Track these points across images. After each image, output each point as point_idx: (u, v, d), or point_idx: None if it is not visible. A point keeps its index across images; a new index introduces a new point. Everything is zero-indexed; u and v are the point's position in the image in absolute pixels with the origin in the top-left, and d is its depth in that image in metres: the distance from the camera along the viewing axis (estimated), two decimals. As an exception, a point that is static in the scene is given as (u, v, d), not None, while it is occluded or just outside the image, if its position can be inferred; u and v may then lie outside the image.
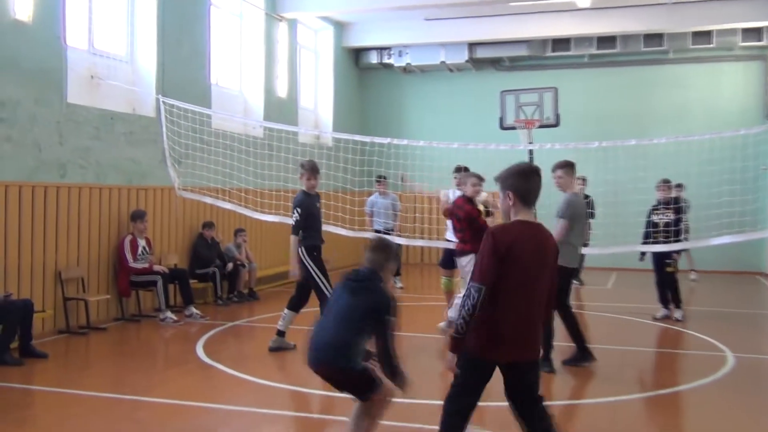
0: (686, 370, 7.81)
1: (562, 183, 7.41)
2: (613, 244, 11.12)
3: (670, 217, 10.26)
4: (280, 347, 8.14)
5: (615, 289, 14.27)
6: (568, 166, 7.40)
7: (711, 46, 16.40)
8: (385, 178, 13.49)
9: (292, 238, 7.94)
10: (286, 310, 8.21)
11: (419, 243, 11.59)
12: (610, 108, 17.47)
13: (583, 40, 17.12)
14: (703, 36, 16.33)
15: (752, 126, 13.80)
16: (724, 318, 10.79)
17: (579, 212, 7.23)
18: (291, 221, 8.03)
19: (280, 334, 8.17)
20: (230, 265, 11.79)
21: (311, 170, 7.99)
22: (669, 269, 10.31)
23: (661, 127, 16.22)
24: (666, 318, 10.41)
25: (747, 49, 16.79)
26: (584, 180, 13.36)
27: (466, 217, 8.05)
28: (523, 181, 3.86)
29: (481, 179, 8.26)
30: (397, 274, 13.97)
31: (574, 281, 12.75)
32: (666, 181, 10.43)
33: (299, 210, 7.87)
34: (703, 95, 17.03)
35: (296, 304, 8.17)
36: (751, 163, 11.02)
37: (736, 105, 16.76)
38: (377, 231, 12.97)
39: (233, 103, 13.91)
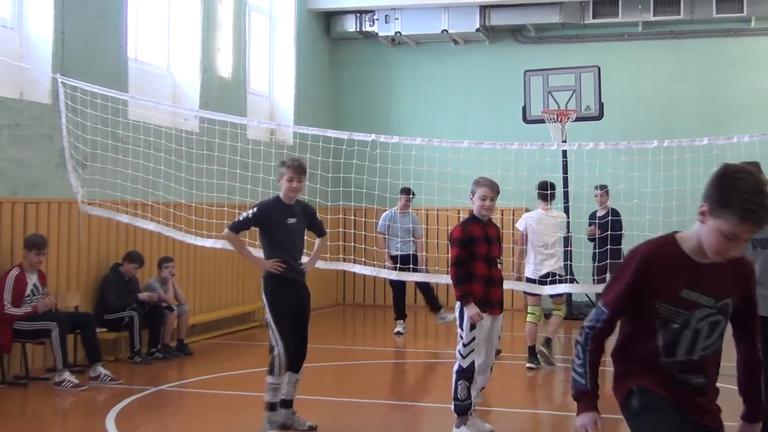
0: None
1: None
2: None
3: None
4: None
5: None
6: None
7: (808, 11, 16.61)
8: (412, 192, 13.88)
9: (227, 233, 8.06)
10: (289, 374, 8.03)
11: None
12: (672, 95, 17.58)
13: (634, 3, 17.28)
14: (796, -2, 16.57)
15: None
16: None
17: None
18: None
19: (284, 405, 7.99)
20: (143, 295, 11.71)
21: (297, 170, 7.92)
22: None
23: (740, 121, 16.33)
24: None
25: None
26: None
27: None
28: None
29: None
30: (402, 316, 14.20)
31: None
32: None
33: (255, 210, 7.88)
34: (797, 78, 17.20)
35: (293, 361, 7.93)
36: None
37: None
38: (394, 257, 13.22)
39: (158, 86, 13.88)
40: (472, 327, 7.60)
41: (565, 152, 14.19)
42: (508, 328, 14.67)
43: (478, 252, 7.74)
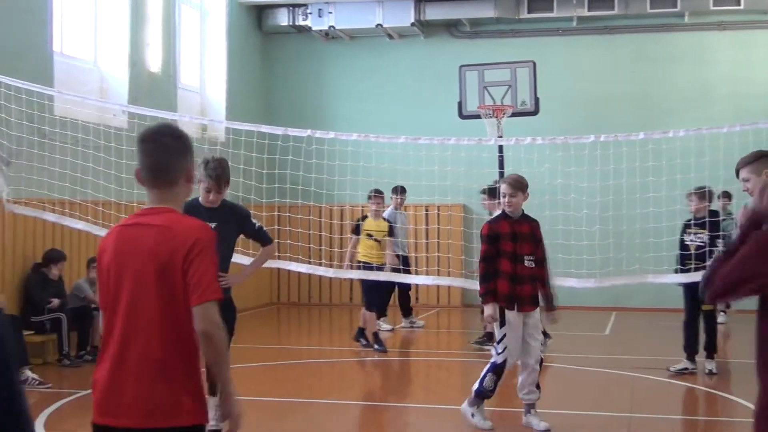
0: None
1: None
2: (615, 274, 11.32)
3: (702, 239, 10.46)
4: None
5: (615, 336, 14.54)
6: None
7: (739, 7, 16.93)
8: (403, 190, 14.03)
9: None
10: None
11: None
12: (608, 90, 17.83)
13: (569, -2, 17.52)
14: (728, -6, 16.92)
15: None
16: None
17: None
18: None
19: None
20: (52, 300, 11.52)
21: (217, 182, 7.27)
22: (706, 307, 10.53)
23: (675, 116, 16.62)
24: (685, 373, 10.62)
25: (785, 13, 17.40)
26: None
27: None
28: None
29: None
30: (384, 314, 14.27)
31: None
32: (698, 190, 10.61)
33: None
34: (730, 73, 17.56)
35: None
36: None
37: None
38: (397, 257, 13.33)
39: (85, 81, 13.73)
40: (502, 324, 7.76)
41: (501, 147, 14.29)
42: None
43: (503, 249, 7.85)
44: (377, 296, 12.65)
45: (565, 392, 9.35)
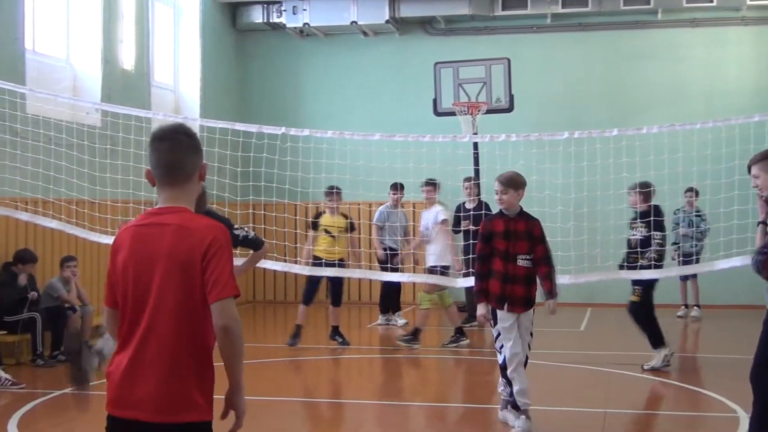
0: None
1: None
2: (589, 270, 11.37)
3: (643, 233, 10.65)
4: None
5: (590, 332, 14.63)
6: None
7: (712, 4, 17.09)
8: (402, 186, 14.11)
9: None
10: None
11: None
12: (582, 87, 17.93)
13: (544, -5, 17.59)
14: (701, -8, 17.03)
15: (767, 111, 14.34)
16: (734, 367, 11.15)
17: None
18: None
19: None
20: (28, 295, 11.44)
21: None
22: (633, 297, 10.70)
23: (648, 112, 16.72)
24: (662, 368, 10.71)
25: (757, 10, 17.56)
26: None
27: None
28: None
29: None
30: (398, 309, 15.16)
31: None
32: (641, 186, 10.76)
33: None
34: (703, 70, 17.70)
35: None
36: (767, 160, 11.43)
37: (746, 83, 17.48)
38: (386, 250, 13.83)
39: (57, 79, 13.68)
40: (495, 323, 7.72)
41: (476, 144, 14.33)
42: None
43: (496, 247, 7.74)
44: (341, 293, 12.92)
45: (540, 388, 9.36)
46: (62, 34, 13.97)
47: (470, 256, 11.25)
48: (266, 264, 11.57)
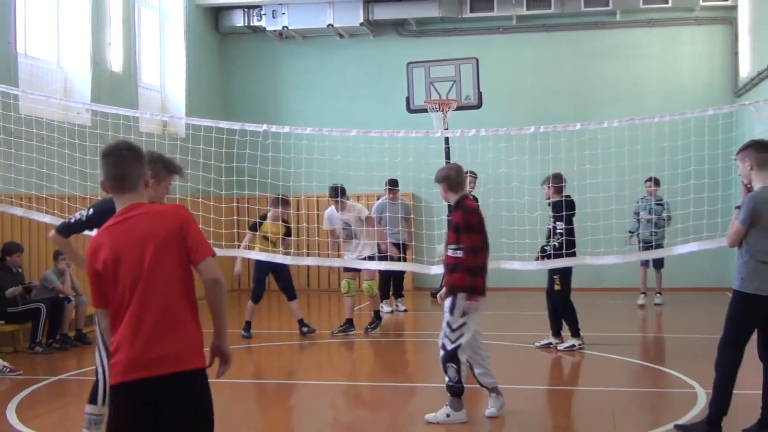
0: (651, 412, 8.10)
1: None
2: (555, 257, 11.43)
3: (552, 224, 10.83)
4: None
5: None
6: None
7: (667, 5, 17.25)
8: (396, 183, 14.10)
9: (53, 235, 6.57)
10: None
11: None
12: (546, 84, 18.03)
13: (509, -2, 17.65)
14: (657, -7, 17.16)
15: (719, 105, 14.48)
16: (692, 346, 11.27)
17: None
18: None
19: None
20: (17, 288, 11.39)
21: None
22: (557, 287, 10.92)
23: (609, 108, 16.84)
24: (573, 349, 10.84)
25: (709, 11, 17.72)
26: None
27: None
28: None
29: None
30: (400, 295, 15.16)
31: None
32: (553, 179, 10.91)
33: (89, 211, 6.42)
34: (659, 67, 17.84)
35: None
36: (721, 151, 11.53)
37: (700, 79, 17.65)
38: (395, 245, 13.38)
39: (49, 80, 13.64)
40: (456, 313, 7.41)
41: (447, 139, 14.35)
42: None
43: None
44: (263, 288, 12.70)
45: (510, 369, 9.43)
46: (53, 38, 13.93)
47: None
48: (250, 254, 11.58)
